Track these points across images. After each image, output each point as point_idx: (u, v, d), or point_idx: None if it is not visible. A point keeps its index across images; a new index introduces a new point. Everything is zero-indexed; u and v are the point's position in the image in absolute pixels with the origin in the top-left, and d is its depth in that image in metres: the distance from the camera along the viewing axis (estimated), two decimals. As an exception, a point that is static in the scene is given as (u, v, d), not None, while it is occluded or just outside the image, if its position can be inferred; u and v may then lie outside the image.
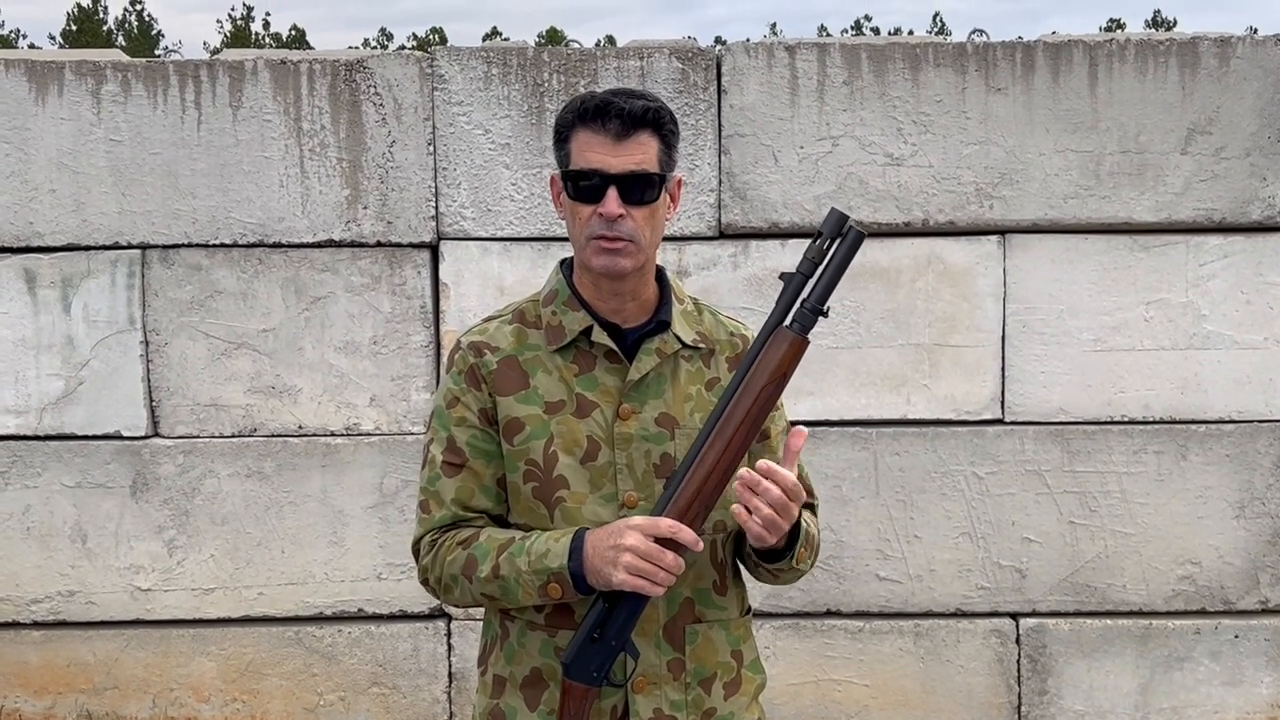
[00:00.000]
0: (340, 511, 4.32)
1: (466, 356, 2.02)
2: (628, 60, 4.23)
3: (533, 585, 1.90)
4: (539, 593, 1.91)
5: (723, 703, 2.03)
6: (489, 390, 2.00)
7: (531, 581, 1.90)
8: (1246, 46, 4.21)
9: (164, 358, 4.30)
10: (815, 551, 2.09)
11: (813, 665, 4.34)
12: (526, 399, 1.98)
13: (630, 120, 1.92)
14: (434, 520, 2.02)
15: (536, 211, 4.25)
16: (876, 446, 4.30)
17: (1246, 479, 4.30)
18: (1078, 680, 4.34)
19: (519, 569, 1.91)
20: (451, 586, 1.98)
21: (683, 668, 2.00)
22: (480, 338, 2.04)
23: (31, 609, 4.34)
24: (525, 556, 1.91)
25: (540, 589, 1.90)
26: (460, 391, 2.01)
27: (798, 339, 1.91)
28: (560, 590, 1.89)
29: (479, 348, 2.02)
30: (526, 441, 1.97)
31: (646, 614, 1.93)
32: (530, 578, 1.90)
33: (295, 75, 4.24)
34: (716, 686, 2.02)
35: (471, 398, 2.00)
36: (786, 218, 4.24)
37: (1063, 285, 4.27)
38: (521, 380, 1.99)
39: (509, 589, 1.93)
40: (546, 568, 1.89)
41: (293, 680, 4.35)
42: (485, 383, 2.00)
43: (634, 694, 1.97)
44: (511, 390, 1.99)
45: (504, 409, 1.98)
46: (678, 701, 1.98)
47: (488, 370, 2.00)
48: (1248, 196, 4.24)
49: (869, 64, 4.21)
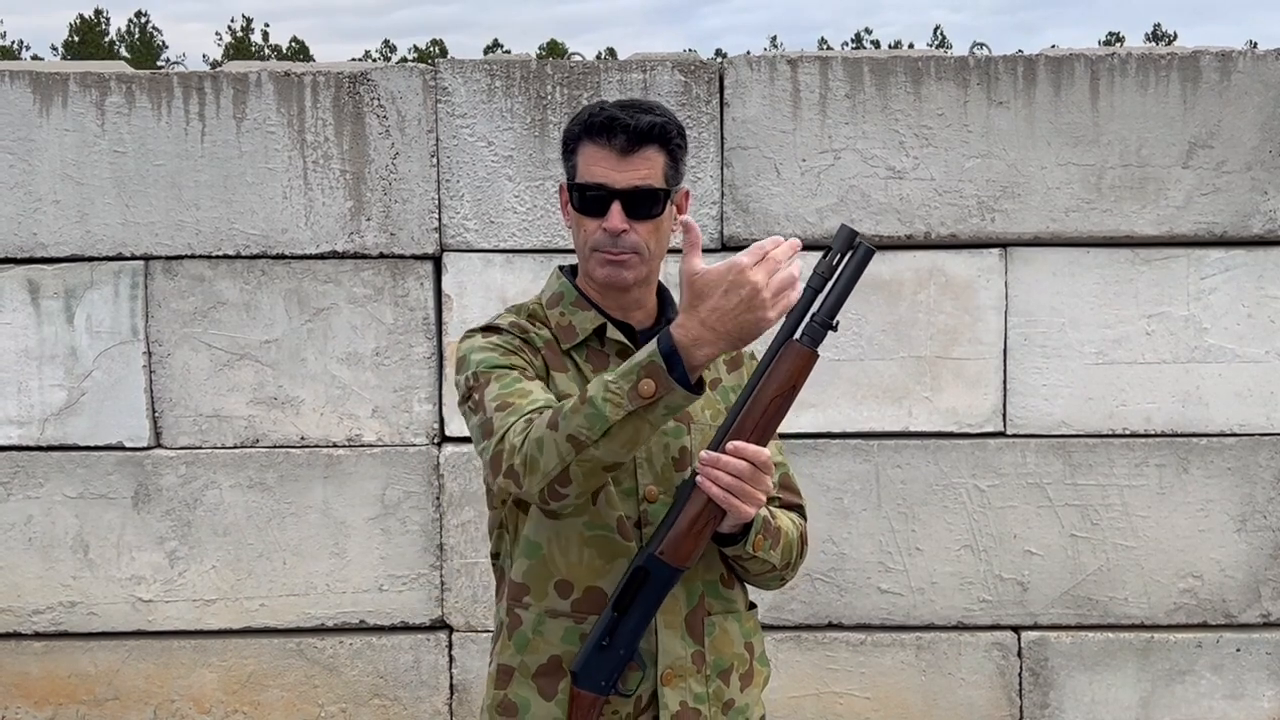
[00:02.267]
0: (342, 523, 4.33)
1: (514, 327, 2.02)
2: (630, 73, 4.24)
3: (623, 390, 1.79)
4: (630, 396, 1.78)
5: (739, 694, 2.05)
6: (543, 361, 2.01)
7: (620, 389, 1.79)
8: (1248, 61, 4.23)
9: (166, 369, 4.31)
10: (790, 549, 2.08)
11: (814, 678, 4.34)
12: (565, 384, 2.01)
13: (636, 136, 1.94)
14: (522, 408, 1.91)
15: (539, 223, 4.26)
16: (878, 459, 4.30)
17: (1248, 492, 4.30)
18: (1079, 693, 4.33)
19: (605, 382, 1.81)
20: (537, 457, 1.84)
21: (704, 660, 2.02)
22: (516, 318, 2.05)
23: (33, 620, 4.34)
24: (611, 375, 1.83)
25: (631, 391, 1.78)
26: (515, 347, 1.99)
27: (807, 352, 1.93)
28: (654, 385, 1.78)
29: (521, 327, 2.03)
30: None
31: (668, 605, 1.94)
32: (618, 384, 1.79)
33: (299, 87, 4.25)
34: (734, 678, 2.04)
35: (525, 357, 1.99)
36: (789, 230, 4.25)
37: (1064, 298, 4.28)
38: (560, 366, 2.02)
39: (596, 410, 1.80)
40: (635, 364, 1.80)
41: (294, 692, 4.34)
42: (540, 353, 2.01)
43: (662, 687, 1.98)
44: (558, 369, 2.01)
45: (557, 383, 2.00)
46: (701, 694, 2.00)
47: (542, 342, 2.02)
48: (1249, 210, 4.25)
49: (871, 77, 4.22)
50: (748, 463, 1.86)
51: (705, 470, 1.88)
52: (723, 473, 1.86)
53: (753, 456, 1.87)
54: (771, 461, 1.90)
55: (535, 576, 2.00)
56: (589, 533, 1.99)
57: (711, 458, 1.87)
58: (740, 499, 1.87)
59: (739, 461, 1.86)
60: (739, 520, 1.92)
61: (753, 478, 1.87)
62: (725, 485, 1.86)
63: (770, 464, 1.90)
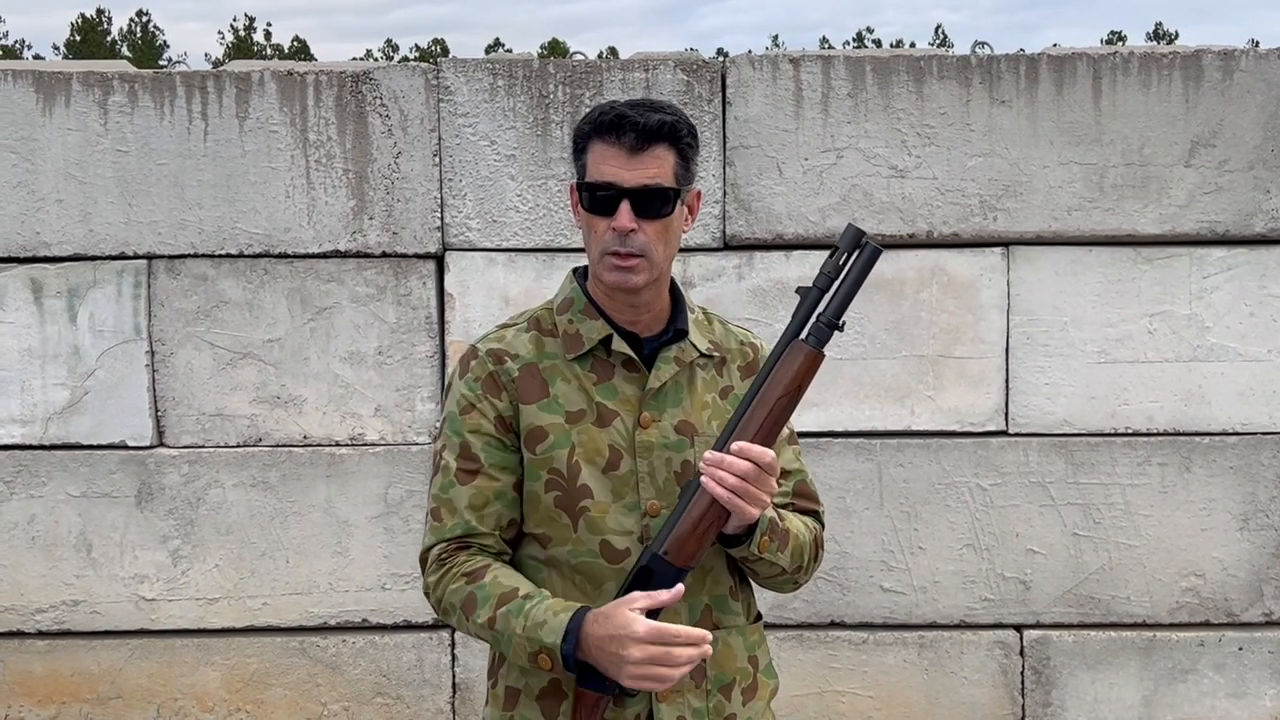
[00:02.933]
0: (345, 522, 4.33)
1: (485, 363, 2.01)
2: (633, 72, 4.24)
3: (524, 650, 1.90)
4: (529, 659, 1.91)
5: (741, 708, 2.04)
6: (510, 398, 1.99)
7: (524, 647, 1.90)
8: (1250, 59, 4.23)
9: (169, 367, 4.31)
10: (801, 552, 2.07)
11: (817, 676, 4.34)
12: (548, 408, 1.98)
13: (645, 134, 1.92)
14: (445, 530, 2.00)
15: (542, 222, 4.26)
16: (880, 458, 4.31)
17: (1250, 491, 4.30)
18: (1082, 692, 4.33)
19: (514, 630, 1.91)
20: (450, 614, 1.99)
21: (704, 675, 2.00)
22: (499, 345, 2.03)
23: (36, 618, 4.35)
24: (522, 619, 1.90)
25: (531, 656, 1.90)
26: (476, 398, 2.00)
27: (813, 352, 1.92)
28: (550, 663, 1.89)
29: (498, 355, 2.02)
30: (550, 450, 1.97)
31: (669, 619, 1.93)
32: (523, 642, 1.90)
33: (301, 86, 4.25)
34: (735, 692, 2.03)
35: (488, 405, 1.99)
36: (791, 229, 4.26)
37: (1066, 297, 4.28)
38: (543, 389, 1.99)
39: (502, 644, 1.94)
40: (540, 640, 1.89)
41: (297, 690, 4.35)
42: (506, 390, 1.99)
43: (658, 702, 1.97)
44: (534, 398, 1.98)
45: (526, 417, 1.98)
46: (700, 709, 1.99)
47: (509, 378, 2.00)
48: (1251, 209, 4.25)
49: (873, 76, 4.22)
50: (752, 463, 1.86)
51: (709, 471, 1.87)
52: (727, 473, 1.86)
53: (757, 457, 1.87)
54: (777, 462, 1.90)
55: None
56: (574, 560, 2.00)
57: (716, 458, 1.87)
58: (745, 500, 1.87)
59: (743, 462, 1.86)
60: (744, 521, 1.91)
61: (758, 479, 1.87)
62: (730, 486, 1.86)
63: (775, 465, 1.89)
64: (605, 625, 1.85)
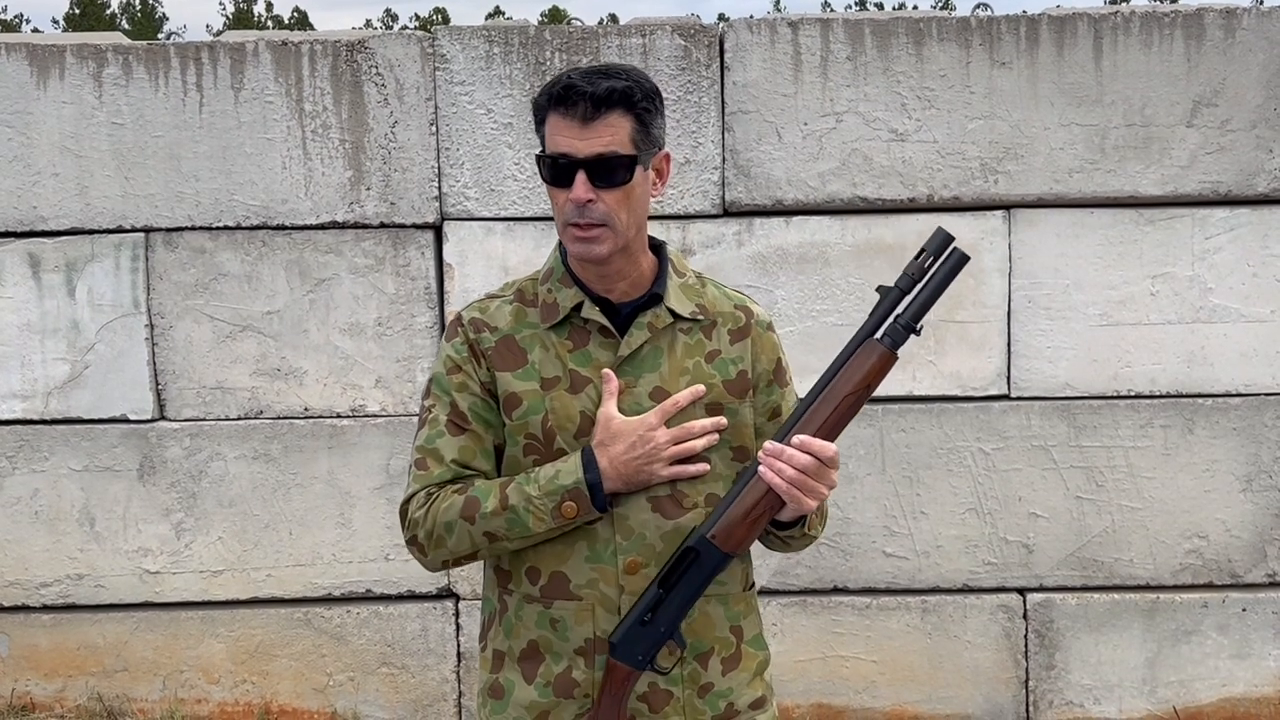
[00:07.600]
0: (347, 493, 4.33)
1: (467, 331, 2.03)
2: (630, 38, 4.21)
3: (546, 508, 1.90)
4: (553, 514, 1.90)
5: (720, 678, 2.03)
6: (487, 366, 2.00)
7: (544, 505, 1.90)
8: (1252, 18, 4.18)
9: (169, 341, 4.30)
10: (824, 518, 2.11)
11: (820, 642, 4.35)
12: (524, 375, 1.99)
13: (596, 102, 1.89)
14: (432, 477, 1.99)
15: (539, 191, 4.24)
16: (883, 423, 4.30)
17: (1253, 452, 4.29)
18: (1085, 654, 4.34)
19: (528, 495, 1.91)
20: (445, 537, 1.95)
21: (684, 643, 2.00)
22: (480, 315, 2.04)
23: (41, 593, 4.36)
24: (534, 483, 1.92)
25: (554, 510, 1.90)
26: (462, 360, 2.01)
27: (887, 353, 1.95)
28: (576, 508, 1.90)
29: (478, 325, 2.03)
30: (525, 416, 1.97)
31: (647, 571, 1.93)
32: (543, 501, 1.90)
33: (296, 56, 4.23)
34: (714, 661, 2.02)
35: (472, 368, 2.01)
36: (790, 195, 4.23)
37: (1068, 260, 4.26)
38: (520, 357, 2.00)
39: (518, 518, 1.92)
40: (561, 485, 1.90)
41: (302, 661, 4.36)
42: (484, 358, 2.01)
43: None
44: (509, 367, 1.99)
45: (503, 384, 1.99)
46: (674, 675, 1.99)
47: (486, 347, 2.01)
48: (1254, 169, 4.22)
49: (872, 39, 4.19)
50: (814, 458, 1.87)
51: (769, 461, 1.88)
52: (787, 465, 1.87)
53: (819, 451, 1.88)
54: (838, 457, 1.90)
55: (514, 563, 2.01)
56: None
57: (776, 449, 1.88)
58: (804, 493, 1.88)
59: (804, 456, 1.87)
60: (799, 513, 1.93)
61: (818, 473, 1.88)
62: (789, 478, 1.87)
63: (836, 459, 1.90)
64: (618, 438, 1.91)
